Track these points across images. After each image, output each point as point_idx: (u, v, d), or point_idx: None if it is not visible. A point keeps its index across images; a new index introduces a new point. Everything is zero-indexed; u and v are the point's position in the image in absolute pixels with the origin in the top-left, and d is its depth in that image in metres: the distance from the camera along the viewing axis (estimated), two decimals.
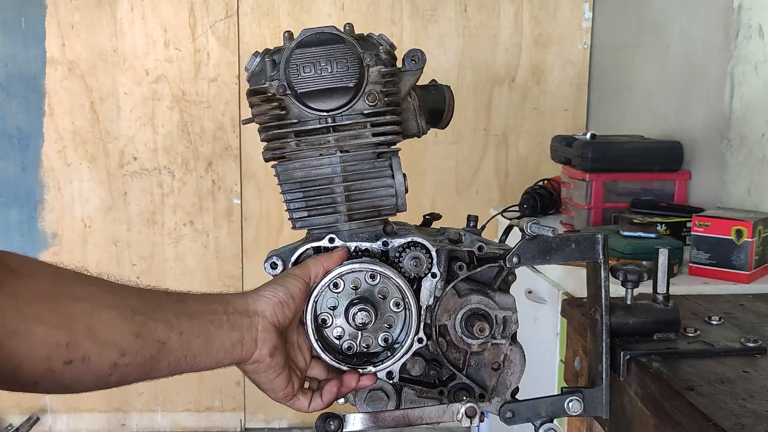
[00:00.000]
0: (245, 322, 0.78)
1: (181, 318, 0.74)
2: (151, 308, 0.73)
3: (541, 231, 0.85)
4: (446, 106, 0.95)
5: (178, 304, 0.76)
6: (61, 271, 0.70)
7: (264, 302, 0.80)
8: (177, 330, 0.73)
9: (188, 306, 0.76)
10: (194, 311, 0.76)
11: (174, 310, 0.74)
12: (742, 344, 0.96)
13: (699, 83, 2.22)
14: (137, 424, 3.11)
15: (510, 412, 0.89)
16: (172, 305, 0.75)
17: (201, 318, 0.76)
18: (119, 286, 0.74)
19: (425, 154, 3.03)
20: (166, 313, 0.73)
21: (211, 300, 0.79)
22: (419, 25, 3.00)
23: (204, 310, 0.77)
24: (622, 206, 2.13)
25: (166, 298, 0.76)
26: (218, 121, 2.99)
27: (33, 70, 2.92)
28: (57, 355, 0.64)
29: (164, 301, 0.75)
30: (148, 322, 0.71)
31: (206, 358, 0.76)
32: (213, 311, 0.77)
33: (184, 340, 0.74)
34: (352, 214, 0.87)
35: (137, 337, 0.70)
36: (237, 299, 0.80)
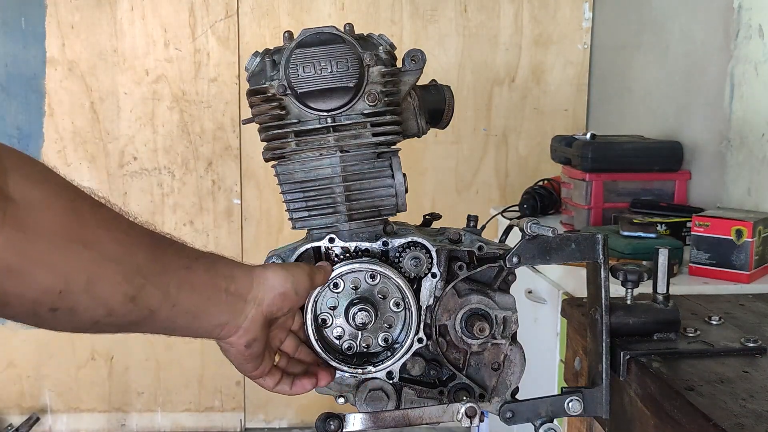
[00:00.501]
0: (239, 306, 0.76)
1: (182, 289, 0.71)
2: (156, 271, 0.69)
3: (541, 231, 0.85)
4: (446, 106, 0.95)
5: (185, 271, 0.72)
6: (76, 205, 0.64)
7: (266, 289, 0.78)
8: (171, 302, 0.70)
9: (194, 275, 0.73)
10: (198, 283, 0.73)
11: (178, 277, 0.71)
12: (742, 344, 0.96)
13: (699, 83, 2.22)
14: (137, 424, 3.11)
15: (510, 412, 0.89)
16: (178, 271, 0.72)
17: (200, 293, 0.73)
18: (133, 232, 0.69)
19: (425, 154, 3.03)
20: (169, 280, 0.70)
21: (219, 271, 0.76)
22: (419, 25, 3.00)
23: (208, 283, 0.74)
24: (622, 206, 2.13)
25: (176, 261, 0.72)
26: (218, 121, 2.99)
27: (33, 70, 2.92)
28: (46, 301, 0.62)
29: (172, 264, 0.72)
30: (147, 286, 0.68)
31: (185, 332, 0.75)
32: (215, 286, 0.75)
33: (173, 314, 0.71)
34: (352, 214, 0.87)
35: (130, 301, 0.67)
36: (242, 277, 0.77)
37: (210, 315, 0.74)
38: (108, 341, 3.05)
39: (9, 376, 3.05)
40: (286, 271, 0.80)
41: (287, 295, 0.80)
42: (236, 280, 0.76)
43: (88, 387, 3.08)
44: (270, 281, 0.78)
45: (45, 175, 0.63)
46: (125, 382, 3.09)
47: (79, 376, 3.06)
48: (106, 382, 3.09)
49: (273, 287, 0.78)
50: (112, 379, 3.09)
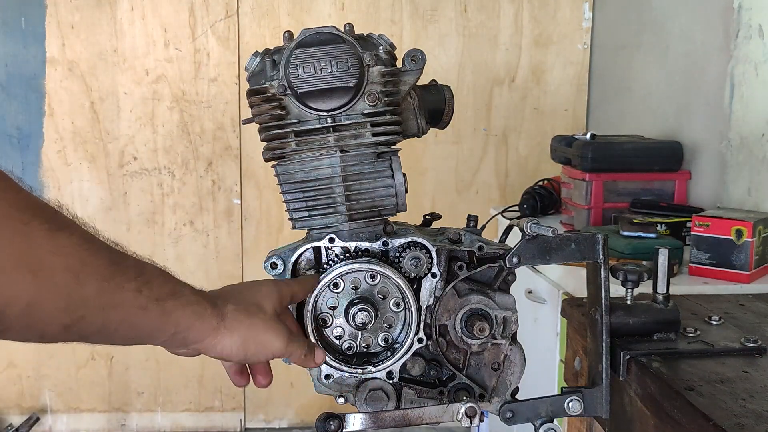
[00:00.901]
0: (181, 343, 0.75)
1: (123, 326, 0.68)
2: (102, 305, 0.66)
3: (541, 231, 0.85)
4: (446, 106, 0.95)
5: (136, 310, 0.69)
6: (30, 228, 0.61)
7: (215, 352, 0.77)
8: (106, 334, 0.68)
9: (144, 317, 0.70)
10: (144, 324, 0.70)
11: (124, 315, 0.68)
12: (742, 344, 0.96)
13: (699, 83, 2.22)
14: (137, 424, 3.11)
15: (510, 412, 0.89)
16: (128, 309, 0.68)
17: (141, 332, 0.71)
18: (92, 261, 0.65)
19: (425, 154, 3.03)
20: (113, 316, 0.67)
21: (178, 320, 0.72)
22: (419, 25, 3.00)
23: (156, 326, 0.71)
24: (622, 206, 2.13)
25: (132, 299, 0.68)
26: (218, 121, 2.99)
27: (33, 70, 2.92)
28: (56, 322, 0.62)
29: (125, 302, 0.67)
30: (87, 318, 0.65)
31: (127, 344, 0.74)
32: (162, 331, 0.72)
33: (106, 340, 0.69)
34: (352, 214, 0.87)
35: (65, 330, 0.64)
36: (199, 333, 0.75)
37: (142, 342, 0.73)
38: None
39: (9, 376, 3.05)
40: (243, 345, 0.77)
41: (233, 359, 0.79)
42: (190, 331, 0.74)
43: (88, 387, 3.08)
44: (222, 347, 0.76)
45: (1, 193, 0.60)
46: (125, 382, 3.09)
47: (79, 376, 3.06)
48: (106, 382, 3.09)
49: (220, 352, 0.77)
50: (112, 379, 3.09)
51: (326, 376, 0.87)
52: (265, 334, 0.79)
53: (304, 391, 3.06)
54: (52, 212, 0.64)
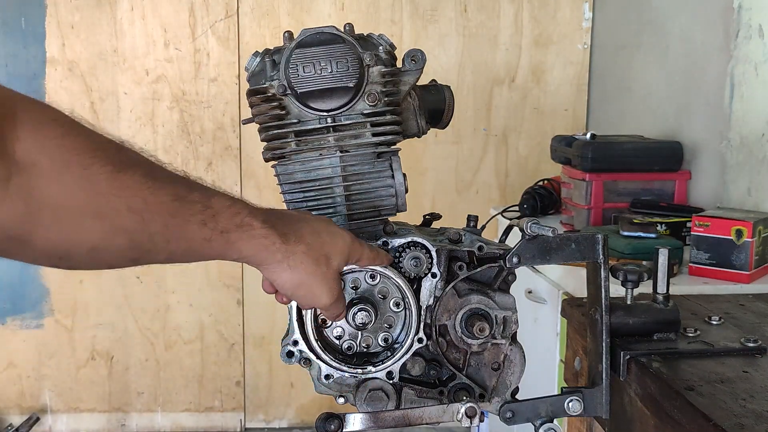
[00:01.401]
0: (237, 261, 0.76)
1: (188, 255, 0.71)
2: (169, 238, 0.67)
3: (541, 231, 0.85)
4: (446, 106, 0.95)
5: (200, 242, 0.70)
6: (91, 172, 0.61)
7: (273, 279, 0.78)
8: (170, 260, 0.70)
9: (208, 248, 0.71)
10: (207, 254, 0.72)
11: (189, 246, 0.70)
12: (742, 344, 0.96)
13: (699, 83, 2.22)
14: (137, 424, 3.11)
15: (510, 412, 0.89)
16: (192, 242, 0.70)
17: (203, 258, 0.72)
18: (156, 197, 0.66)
19: (425, 154, 3.03)
20: (178, 248, 0.69)
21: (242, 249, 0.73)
22: (419, 25, 3.00)
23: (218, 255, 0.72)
24: (622, 206, 2.13)
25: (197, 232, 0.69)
26: (218, 121, 2.99)
27: (33, 70, 2.92)
28: (46, 262, 0.63)
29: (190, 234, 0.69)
30: (153, 252, 0.67)
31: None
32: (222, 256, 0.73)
33: (169, 262, 0.71)
34: (352, 214, 0.87)
35: (131, 262, 0.67)
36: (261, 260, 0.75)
37: (207, 259, 0.74)
38: (108, 341, 3.05)
39: (9, 376, 3.05)
40: (296, 287, 0.78)
41: (284, 293, 0.80)
42: (254, 258, 0.75)
43: (88, 387, 3.08)
44: (278, 279, 0.77)
45: (60, 139, 0.60)
46: (125, 382, 3.09)
47: (79, 376, 3.06)
48: (106, 382, 3.09)
49: (277, 283, 0.78)
50: (112, 379, 3.09)
51: (326, 376, 0.87)
52: (320, 287, 0.79)
53: (304, 391, 3.06)
54: (114, 152, 0.65)
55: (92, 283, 3.02)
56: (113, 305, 3.02)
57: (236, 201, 0.73)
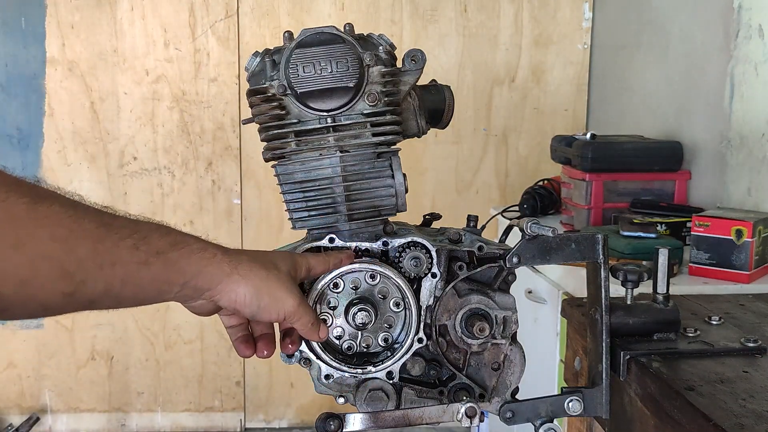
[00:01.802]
0: (190, 295, 0.73)
1: (128, 284, 0.67)
2: (100, 264, 0.65)
3: (541, 231, 0.85)
4: (446, 106, 0.95)
5: (137, 266, 0.67)
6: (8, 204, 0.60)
7: (228, 299, 0.75)
8: (113, 295, 0.67)
9: (147, 272, 0.68)
10: (149, 279, 0.68)
11: (126, 273, 0.67)
12: (742, 344, 0.96)
13: (699, 83, 2.22)
14: (137, 424, 3.11)
15: (510, 412, 0.89)
16: (128, 266, 0.67)
17: (149, 289, 0.69)
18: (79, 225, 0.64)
19: (425, 154, 3.03)
20: (115, 275, 0.66)
21: (185, 268, 0.71)
22: (419, 25, 3.00)
23: (162, 279, 0.70)
24: (622, 206, 2.13)
25: (130, 255, 0.67)
26: (218, 121, 2.99)
27: (33, 70, 2.92)
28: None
29: (124, 258, 0.67)
30: (88, 282, 0.64)
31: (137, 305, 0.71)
32: (170, 283, 0.70)
33: (115, 303, 0.68)
34: (352, 214, 0.87)
35: (68, 297, 0.63)
36: (210, 278, 0.73)
37: (154, 300, 0.71)
38: (108, 341, 3.05)
39: (9, 376, 3.05)
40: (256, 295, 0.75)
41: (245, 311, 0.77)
42: (200, 277, 0.72)
43: (88, 387, 3.08)
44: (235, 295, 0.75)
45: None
46: (125, 382, 3.09)
47: (79, 376, 3.06)
48: (106, 382, 3.09)
49: (233, 301, 0.75)
50: (112, 379, 3.09)
51: (326, 376, 0.87)
52: (279, 290, 0.77)
53: (304, 391, 3.07)
54: (29, 186, 0.63)
55: None
56: None
57: (164, 225, 0.72)
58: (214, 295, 0.74)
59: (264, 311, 0.77)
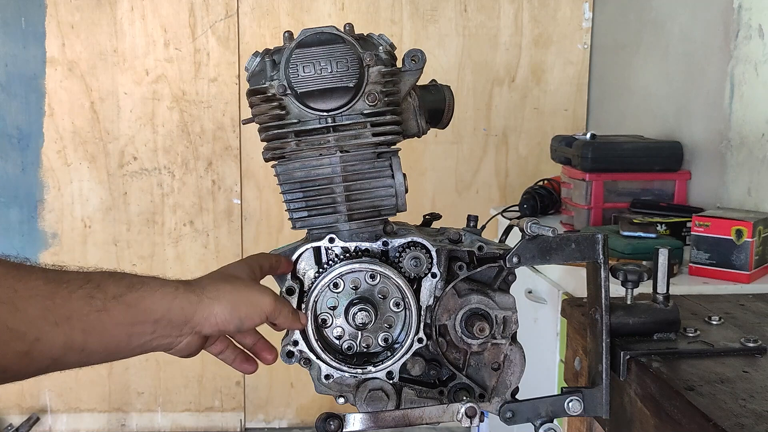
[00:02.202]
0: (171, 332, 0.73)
1: (91, 333, 0.66)
2: (53, 321, 0.64)
3: (541, 231, 0.85)
4: (446, 106, 0.95)
5: (96, 314, 0.67)
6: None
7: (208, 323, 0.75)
8: (78, 348, 0.66)
9: (108, 317, 0.68)
10: (113, 324, 0.68)
11: (85, 322, 0.66)
12: (742, 344, 0.96)
13: (699, 83, 2.22)
14: (137, 424, 3.11)
15: (510, 412, 0.89)
16: (86, 316, 0.66)
17: (115, 333, 0.68)
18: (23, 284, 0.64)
19: (425, 154, 3.03)
20: (73, 326, 0.66)
21: (149, 306, 0.70)
22: (419, 25, 3.00)
23: (128, 321, 0.69)
24: (622, 206, 2.13)
25: (84, 305, 0.66)
26: (218, 121, 2.99)
27: (33, 70, 2.92)
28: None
29: (78, 310, 0.66)
30: (43, 339, 0.63)
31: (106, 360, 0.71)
32: (139, 322, 0.70)
33: (83, 357, 0.67)
34: (352, 214, 0.87)
35: (25, 356, 0.63)
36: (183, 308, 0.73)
37: (131, 348, 0.71)
38: None
39: None
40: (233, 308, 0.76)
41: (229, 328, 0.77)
42: (172, 312, 0.72)
43: (88, 387, 3.08)
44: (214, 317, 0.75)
45: None
46: (125, 382, 3.09)
47: (79, 376, 3.06)
48: (106, 382, 3.09)
49: (215, 323, 0.75)
50: (112, 379, 3.09)
51: (326, 376, 0.87)
52: (251, 293, 0.78)
53: (304, 391, 3.07)
54: None
55: None
56: None
57: (118, 272, 0.71)
58: (195, 325, 0.74)
59: (247, 320, 0.77)
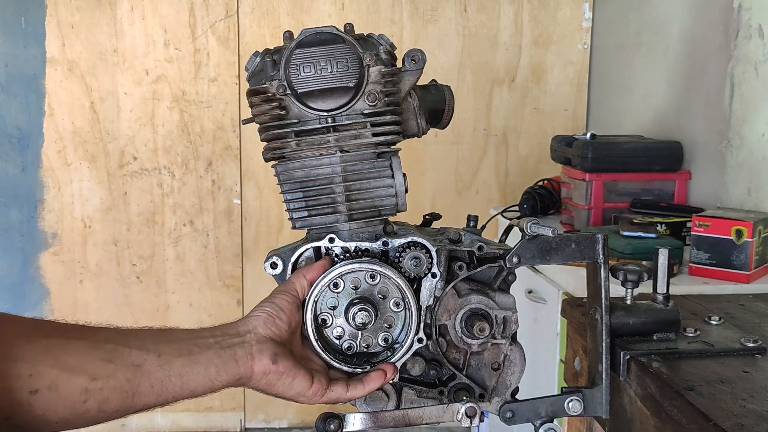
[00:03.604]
0: (236, 340, 0.79)
1: (160, 343, 0.75)
2: (125, 338, 0.73)
3: (541, 231, 0.85)
4: (446, 106, 0.95)
5: (159, 332, 0.77)
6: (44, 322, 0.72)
7: (253, 320, 0.81)
8: (154, 353, 0.74)
9: (171, 334, 0.77)
10: (177, 338, 0.77)
11: (153, 337, 0.75)
12: (742, 344, 0.96)
13: (699, 83, 2.22)
14: (137, 424, 3.11)
15: (510, 412, 0.89)
16: (151, 334, 0.76)
17: (184, 342, 0.76)
18: (95, 327, 0.74)
19: (425, 154, 3.03)
20: (143, 340, 0.74)
21: (200, 330, 0.80)
22: (419, 25, 3.00)
23: (188, 336, 0.77)
24: (622, 206, 2.13)
25: (148, 330, 0.77)
26: (218, 121, 2.99)
27: (33, 70, 2.92)
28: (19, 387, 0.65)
29: (143, 332, 0.76)
30: (119, 348, 0.72)
31: (196, 377, 0.76)
32: (199, 336, 0.78)
33: (164, 361, 0.74)
34: (352, 214, 0.87)
35: (108, 363, 0.70)
36: (226, 325, 0.81)
37: (207, 355, 0.77)
38: None
39: None
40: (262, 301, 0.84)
41: (275, 315, 0.82)
42: (220, 329, 0.80)
43: None
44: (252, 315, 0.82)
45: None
46: None
47: None
48: None
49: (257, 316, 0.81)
50: None
51: None
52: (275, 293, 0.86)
53: None
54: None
55: (92, 283, 3.02)
56: (113, 305, 3.02)
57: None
58: (248, 326, 0.81)
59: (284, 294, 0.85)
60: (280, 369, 0.79)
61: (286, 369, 0.79)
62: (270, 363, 0.79)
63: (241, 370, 0.78)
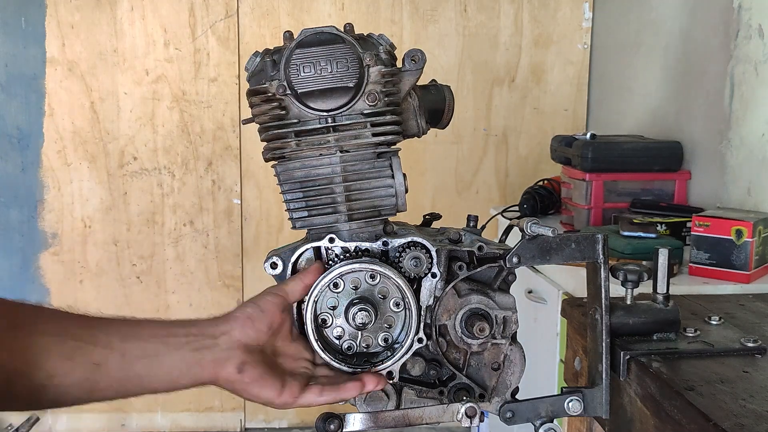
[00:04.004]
0: (208, 342, 0.78)
1: (127, 341, 0.75)
2: (92, 332, 0.74)
3: (541, 231, 0.85)
4: (446, 106, 0.95)
5: (130, 327, 0.77)
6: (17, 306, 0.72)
7: (232, 321, 0.80)
8: (119, 352, 0.74)
9: (142, 330, 0.77)
10: (147, 334, 0.77)
11: (123, 333, 0.76)
12: (742, 344, 0.96)
13: (699, 83, 2.21)
14: (137, 424, 3.11)
15: (510, 412, 0.89)
16: (123, 328, 0.76)
17: (153, 340, 0.76)
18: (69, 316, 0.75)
19: (425, 154, 3.03)
20: (111, 337, 0.74)
21: (176, 324, 0.79)
22: (419, 25, 3.00)
23: (161, 332, 0.77)
24: (622, 206, 2.13)
25: (121, 322, 0.77)
26: (218, 121, 2.99)
27: (33, 70, 2.92)
28: None
29: (115, 326, 0.76)
30: (83, 346, 0.72)
31: (157, 379, 0.76)
32: (172, 333, 0.78)
33: (126, 362, 0.74)
34: (352, 214, 0.87)
35: (68, 360, 0.71)
36: (206, 322, 0.81)
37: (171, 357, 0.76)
38: None
39: None
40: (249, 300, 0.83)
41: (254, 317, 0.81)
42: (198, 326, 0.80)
43: None
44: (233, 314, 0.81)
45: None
46: None
47: None
48: None
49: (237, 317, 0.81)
50: None
51: None
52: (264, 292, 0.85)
53: None
54: None
55: (92, 283, 3.02)
56: (113, 305, 3.02)
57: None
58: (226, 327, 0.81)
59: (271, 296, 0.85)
60: (245, 379, 0.78)
61: (252, 379, 0.79)
62: (235, 372, 0.78)
63: (205, 375, 0.78)
